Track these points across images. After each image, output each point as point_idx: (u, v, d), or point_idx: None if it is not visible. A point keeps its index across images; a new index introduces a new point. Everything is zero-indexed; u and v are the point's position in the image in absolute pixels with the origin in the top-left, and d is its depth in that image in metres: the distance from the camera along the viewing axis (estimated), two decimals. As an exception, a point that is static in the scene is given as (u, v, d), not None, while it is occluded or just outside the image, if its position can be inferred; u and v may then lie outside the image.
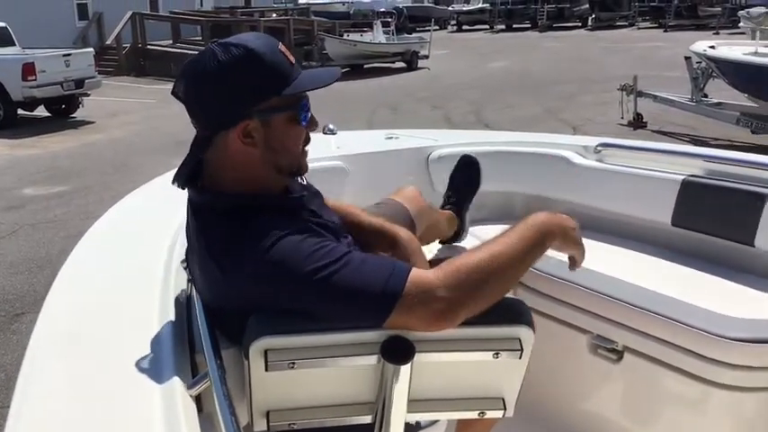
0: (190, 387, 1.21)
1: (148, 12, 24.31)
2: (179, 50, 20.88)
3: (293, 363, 1.20)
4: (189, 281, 1.52)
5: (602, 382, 2.35)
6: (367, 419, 1.33)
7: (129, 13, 21.42)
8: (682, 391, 2.11)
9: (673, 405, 2.18)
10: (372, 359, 1.23)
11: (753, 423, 2.05)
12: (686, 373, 2.08)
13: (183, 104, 1.36)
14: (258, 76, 1.31)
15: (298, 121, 1.37)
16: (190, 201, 1.42)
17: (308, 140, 1.42)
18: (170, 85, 1.44)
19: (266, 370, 1.20)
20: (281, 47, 1.37)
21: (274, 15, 26.70)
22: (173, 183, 1.40)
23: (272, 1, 34.19)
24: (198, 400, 1.24)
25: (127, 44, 21.14)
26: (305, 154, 1.43)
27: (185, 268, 1.52)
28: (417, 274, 1.23)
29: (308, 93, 1.38)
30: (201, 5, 29.12)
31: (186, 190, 1.41)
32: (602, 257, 2.59)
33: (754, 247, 2.42)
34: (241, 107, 1.31)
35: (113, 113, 14.02)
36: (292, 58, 1.37)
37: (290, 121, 1.36)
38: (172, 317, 1.42)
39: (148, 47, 21.43)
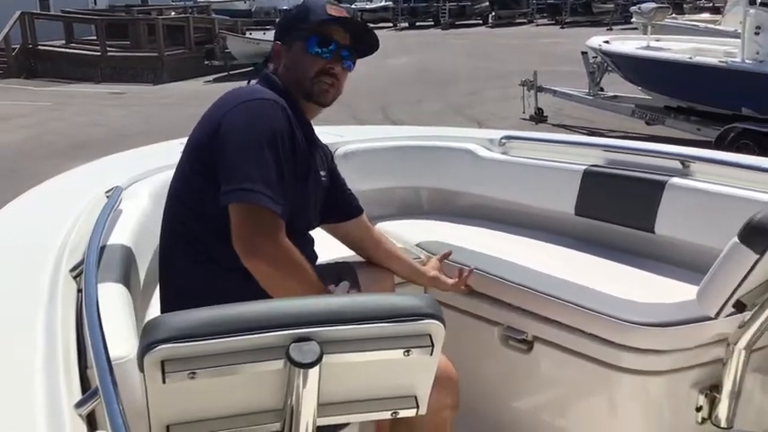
0: (78, 405, 1.12)
1: (38, 11, 23.22)
2: (72, 51, 20.07)
3: (193, 373, 1.12)
4: (79, 291, 1.42)
5: (514, 373, 2.37)
6: (275, 427, 1.26)
7: (17, 13, 20.39)
8: (590, 377, 2.14)
9: (582, 392, 2.21)
10: (278, 364, 1.17)
11: (660, 405, 2.11)
12: (594, 360, 2.11)
13: None
14: (296, 14, 1.95)
15: (306, 50, 1.88)
16: None
17: (324, 72, 1.89)
18: (65, 87, 1.38)
19: (164, 382, 1.12)
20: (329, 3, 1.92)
21: (173, 14, 25.99)
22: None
23: (170, -1, 33.28)
24: (90, 419, 1.15)
25: (16, 45, 20.12)
26: (319, 83, 1.89)
27: None
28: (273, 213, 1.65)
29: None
30: (96, 4, 28.08)
31: None
32: (509, 249, 2.61)
33: (654, 233, 2.49)
34: (280, 34, 1.98)
35: (5, 117, 13.31)
36: (335, 12, 1.90)
37: (302, 50, 1.89)
38: (59, 329, 1.32)
39: (39, 47, 20.48)
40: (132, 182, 2.36)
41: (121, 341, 1.37)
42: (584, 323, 2.11)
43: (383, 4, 38.84)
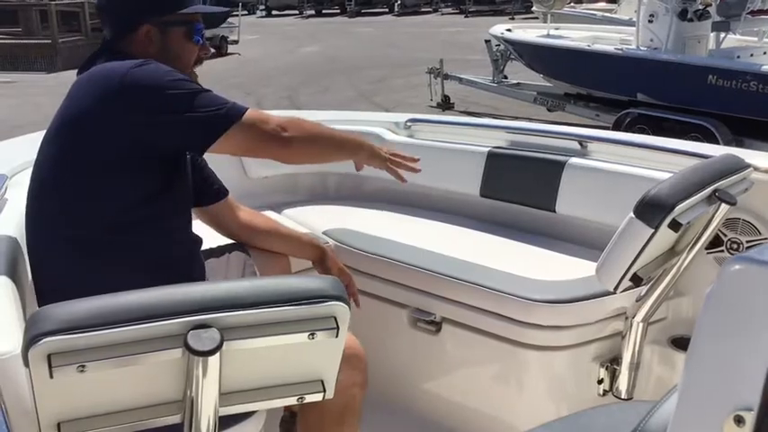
0: None
1: None
2: (-42, 37, 18.91)
3: (83, 366, 1.06)
4: None
5: (424, 355, 2.38)
6: (176, 419, 1.21)
7: None
8: (497, 355, 2.18)
9: (490, 369, 2.24)
10: (176, 353, 1.12)
11: (564, 379, 2.16)
12: (500, 338, 2.15)
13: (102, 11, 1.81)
14: None
15: (191, 38, 1.79)
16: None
17: (199, 61, 1.84)
18: None
19: (51, 377, 1.05)
20: None
21: (68, -1, 24.83)
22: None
23: (64, -16, 31.77)
24: None
25: None
26: (194, 71, 1.83)
27: None
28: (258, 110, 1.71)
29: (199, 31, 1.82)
30: (-17, -12, 26.51)
31: None
32: (416, 231, 2.62)
33: (555, 212, 2.55)
34: (140, 14, 1.74)
35: None
36: None
37: (185, 36, 1.79)
38: None
39: None
40: (19, 170, 2.23)
41: (5, 336, 1.29)
42: (490, 303, 2.14)
43: (288, -9, 38.41)
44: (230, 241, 2.13)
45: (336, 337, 1.22)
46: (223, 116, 1.64)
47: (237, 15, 23.22)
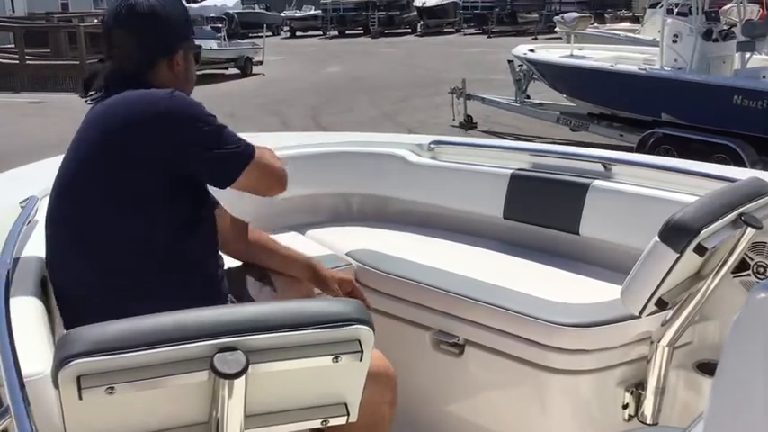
0: None
1: (-48, 18, 22.27)
2: (-12, 58, 19.30)
3: (111, 387, 1.08)
4: None
5: (446, 377, 2.37)
6: (201, 441, 1.22)
7: (-72, 20, 19.52)
8: (520, 378, 2.16)
9: (513, 393, 2.23)
10: (202, 375, 1.13)
11: (588, 403, 2.14)
12: (523, 361, 2.13)
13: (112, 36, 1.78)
14: (186, 19, 1.87)
15: (198, 59, 1.90)
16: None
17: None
18: None
19: (80, 398, 1.07)
20: None
21: (96, 21, 25.29)
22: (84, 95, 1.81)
23: (91, 6, 32.33)
24: None
25: (-73, 52, 19.26)
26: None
27: None
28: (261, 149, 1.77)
29: None
30: (14, 11, 27.11)
31: None
32: (439, 253, 2.62)
33: (579, 235, 2.54)
34: (177, 41, 1.81)
35: None
36: None
37: (195, 60, 1.88)
38: None
39: (-47, 56, 19.62)
40: (49, 192, 2.26)
41: (36, 357, 1.31)
42: (514, 326, 2.13)
43: (312, 12, 38.78)
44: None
45: (360, 360, 1.22)
46: (240, 154, 1.71)
47: (262, 36, 23.49)
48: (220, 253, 1.89)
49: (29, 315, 1.49)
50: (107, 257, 1.66)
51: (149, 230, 1.65)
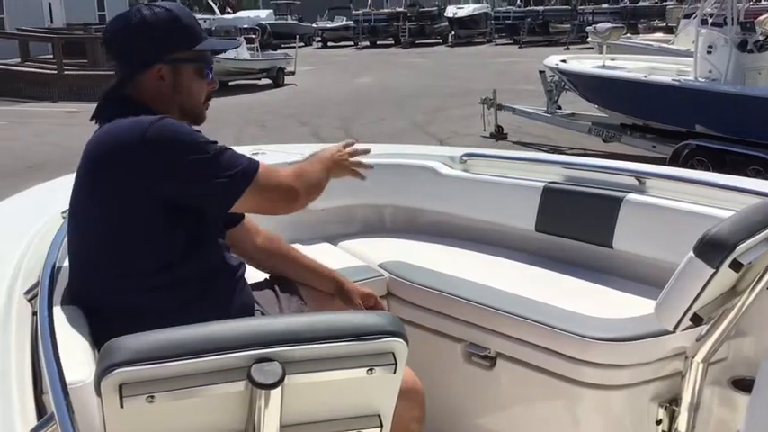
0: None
1: (-7, 29, 22.80)
2: (29, 69, 19.69)
3: (152, 396, 1.11)
4: (33, 314, 1.39)
5: (477, 390, 2.37)
6: (237, 450, 1.25)
7: (-31, 31, 20.00)
8: (553, 392, 2.16)
9: (545, 407, 2.22)
10: (239, 385, 1.16)
11: (621, 419, 2.13)
12: (556, 375, 2.13)
13: (109, 49, 1.78)
14: (171, 31, 1.74)
15: (203, 75, 1.80)
16: None
17: (209, 97, 1.84)
18: (20, 107, 1.35)
19: (122, 406, 1.10)
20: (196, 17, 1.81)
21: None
22: (94, 119, 1.76)
23: (129, 17, 32.84)
24: None
25: (-31, 64, 19.71)
26: (206, 107, 1.84)
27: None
28: (266, 165, 1.75)
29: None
30: (52, 22, 27.66)
31: None
32: (471, 265, 2.63)
33: (612, 248, 2.53)
34: (155, 53, 1.72)
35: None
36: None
37: (196, 73, 1.78)
38: (13, 353, 1.29)
39: (-7, 66, 20.07)
40: None
41: (78, 365, 1.34)
42: (546, 339, 2.13)
43: (344, 23, 39.01)
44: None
45: (394, 372, 1.24)
46: (240, 177, 1.69)
47: (295, 47, 23.69)
48: (243, 262, 1.90)
49: (72, 324, 1.52)
50: (118, 278, 1.68)
51: (152, 258, 1.66)
